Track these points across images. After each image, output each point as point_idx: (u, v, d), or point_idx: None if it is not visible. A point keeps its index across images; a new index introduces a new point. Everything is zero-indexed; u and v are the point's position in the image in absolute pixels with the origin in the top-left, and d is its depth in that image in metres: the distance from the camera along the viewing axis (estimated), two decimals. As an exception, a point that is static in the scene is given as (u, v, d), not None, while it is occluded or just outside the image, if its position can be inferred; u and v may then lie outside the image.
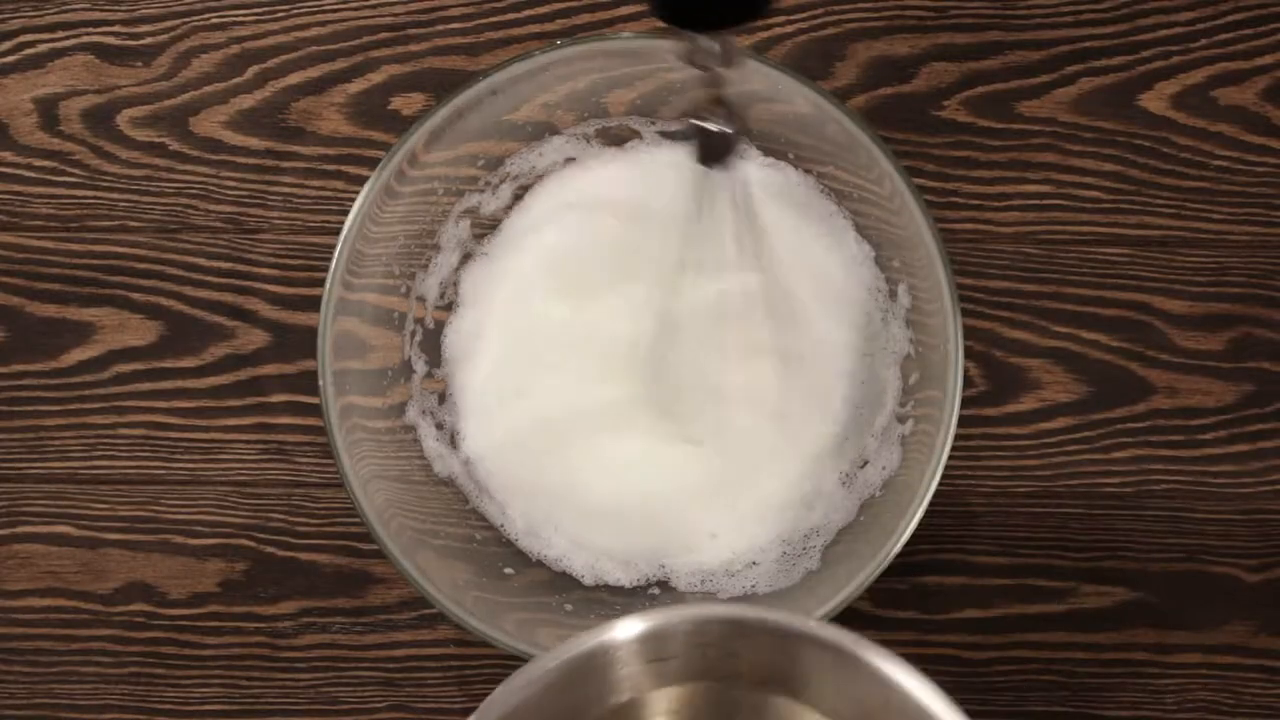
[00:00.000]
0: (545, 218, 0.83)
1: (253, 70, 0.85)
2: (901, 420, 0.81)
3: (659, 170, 0.82)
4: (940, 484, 0.76)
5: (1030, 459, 0.87)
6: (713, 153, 0.72)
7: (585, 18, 0.85)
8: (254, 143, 0.86)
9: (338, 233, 0.77)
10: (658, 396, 0.82)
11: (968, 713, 0.65)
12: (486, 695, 0.63)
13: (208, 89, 0.85)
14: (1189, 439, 0.87)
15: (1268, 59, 0.86)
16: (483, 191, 0.83)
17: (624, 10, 0.85)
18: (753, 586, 0.82)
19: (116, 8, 0.85)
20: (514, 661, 0.81)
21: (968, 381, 0.86)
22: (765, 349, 0.81)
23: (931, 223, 0.76)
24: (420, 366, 0.83)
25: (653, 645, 0.62)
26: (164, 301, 0.87)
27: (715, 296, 0.81)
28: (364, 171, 0.85)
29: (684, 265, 0.80)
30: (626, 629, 0.62)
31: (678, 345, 0.81)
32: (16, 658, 0.88)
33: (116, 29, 0.85)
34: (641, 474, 0.81)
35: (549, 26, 0.85)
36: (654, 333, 0.81)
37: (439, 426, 0.83)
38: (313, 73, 0.85)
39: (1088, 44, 0.86)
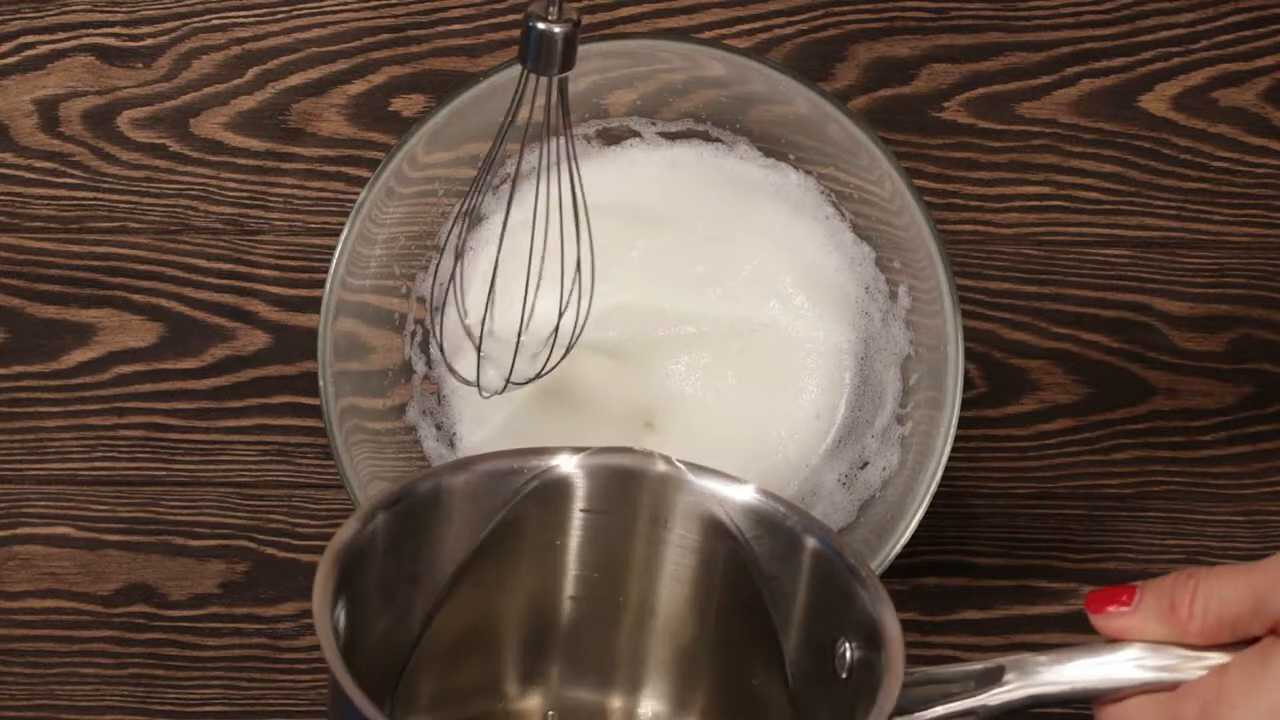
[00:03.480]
0: (534, 215, 0.82)
1: (253, 72, 0.85)
2: (901, 421, 0.81)
3: (659, 171, 0.82)
4: (940, 485, 0.76)
5: (1030, 460, 0.87)
6: (541, 52, 0.70)
7: (585, 18, 0.85)
8: (254, 144, 0.86)
9: (338, 234, 0.77)
10: (642, 400, 0.82)
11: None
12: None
13: (208, 90, 0.85)
14: (1189, 440, 0.87)
15: (1268, 60, 0.86)
16: (483, 192, 0.82)
17: (624, 11, 0.85)
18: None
19: (117, 9, 0.85)
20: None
21: (968, 383, 0.86)
22: (759, 349, 0.81)
23: (933, 224, 0.76)
24: (420, 367, 0.83)
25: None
26: (164, 303, 0.87)
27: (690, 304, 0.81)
28: (364, 173, 0.85)
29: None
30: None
31: (664, 349, 0.81)
32: (17, 659, 0.88)
33: (117, 30, 0.85)
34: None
35: (549, 28, 0.85)
36: (637, 337, 0.81)
37: (438, 427, 0.83)
38: (313, 74, 0.85)
39: (1088, 45, 0.86)
